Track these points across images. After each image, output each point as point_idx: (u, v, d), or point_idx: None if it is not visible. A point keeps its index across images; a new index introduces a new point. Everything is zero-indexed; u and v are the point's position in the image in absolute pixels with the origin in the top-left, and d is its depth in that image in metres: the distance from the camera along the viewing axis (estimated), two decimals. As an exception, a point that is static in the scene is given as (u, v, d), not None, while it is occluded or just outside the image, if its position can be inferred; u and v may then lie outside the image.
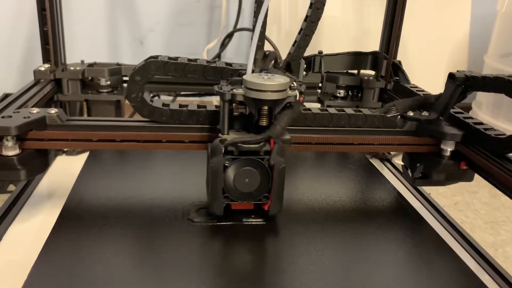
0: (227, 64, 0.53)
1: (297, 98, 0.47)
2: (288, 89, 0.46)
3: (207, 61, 0.53)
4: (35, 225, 0.53)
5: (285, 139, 0.48)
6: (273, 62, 0.57)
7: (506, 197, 0.49)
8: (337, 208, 0.57)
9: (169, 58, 0.51)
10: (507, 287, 0.46)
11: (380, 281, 0.45)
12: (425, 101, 0.58)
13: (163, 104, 0.52)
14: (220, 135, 0.48)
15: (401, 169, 0.73)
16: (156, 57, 0.51)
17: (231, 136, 0.47)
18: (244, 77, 0.47)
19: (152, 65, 0.50)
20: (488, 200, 1.00)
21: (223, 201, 0.49)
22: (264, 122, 0.48)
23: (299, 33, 0.64)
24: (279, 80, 0.46)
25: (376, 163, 0.74)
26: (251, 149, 0.47)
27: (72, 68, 0.72)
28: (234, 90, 0.47)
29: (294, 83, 0.48)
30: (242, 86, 0.47)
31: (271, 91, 0.45)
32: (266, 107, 0.47)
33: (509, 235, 0.87)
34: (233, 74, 0.52)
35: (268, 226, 0.51)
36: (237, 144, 0.47)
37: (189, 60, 0.52)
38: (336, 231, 0.52)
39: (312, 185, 0.64)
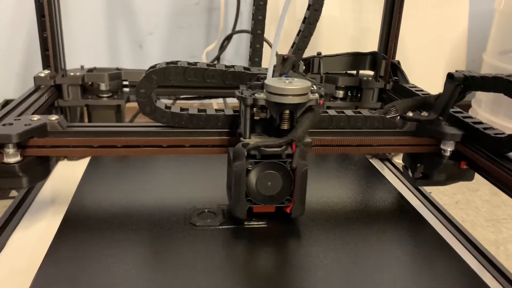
0: (245, 68, 0.54)
1: (318, 101, 0.47)
2: (309, 92, 0.47)
3: (226, 66, 0.53)
4: (38, 232, 0.53)
5: (307, 142, 0.48)
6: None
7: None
8: (338, 209, 0.58)
9: (188, 63, 0.51)
10: (509, 286, 0.47)
11: (381, 281, 0.45)
12: (425, 102, 0.58)
13: (165, 106, 0.52)
14: (242, 139, 0.48)
15: (401, 169, 0.73)
16: (175, 62, 0.51)
17: (253, 140, 0.48)
18: (266, 81, 0.47)
19: (172, 70, 0.50)
20: (489, 198, 1.00)
21: (246, 204, 0.49)
22: (285, 126, 0.48)
23: (298, 34, 0.64)
24: (300, 84, 0.46)
25: (376, 163, 0.75)
26: (274, 152, 0.47)
27: (72, 74, 0.72)
28: (255, 94, 0.47)
29: (314, 86, 0.48)
30: (264, 90, 0.47)
31: (293, 95, 0.45)
32: (287, 111, 0.48)
33: (510, 233, 0.87)
34: (252, 78, 0.52)
35: (270, 229, 0.52)
36: (260, 148, 0.47)
37: (208, 65, 0.52)
38: (337, 232, 0.52)
39: (312, 186, 0.64)
